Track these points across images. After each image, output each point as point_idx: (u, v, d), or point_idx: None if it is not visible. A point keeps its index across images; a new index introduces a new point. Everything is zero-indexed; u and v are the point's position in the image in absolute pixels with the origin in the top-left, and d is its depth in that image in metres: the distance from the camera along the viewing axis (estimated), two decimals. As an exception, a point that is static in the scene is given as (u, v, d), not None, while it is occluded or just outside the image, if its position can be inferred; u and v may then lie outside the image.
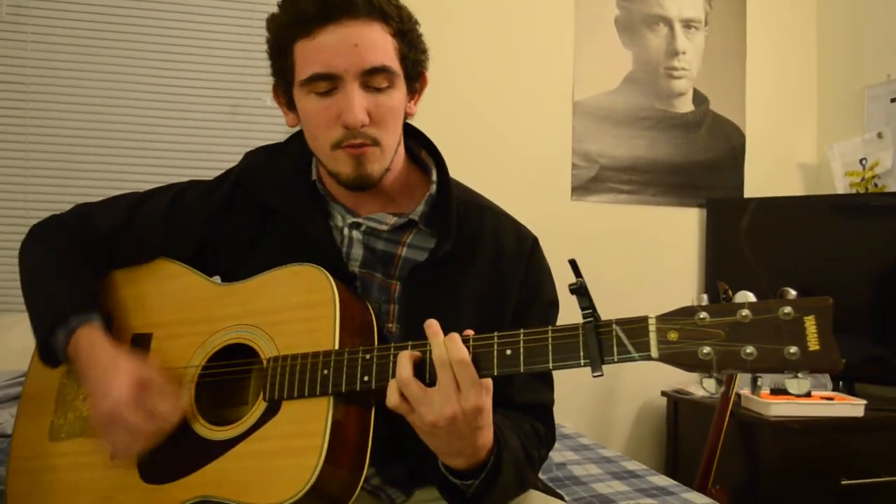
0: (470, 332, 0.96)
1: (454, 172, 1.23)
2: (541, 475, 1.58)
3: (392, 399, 0.95)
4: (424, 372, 0.95)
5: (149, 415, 1.06)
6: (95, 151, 2.55)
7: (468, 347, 0.93)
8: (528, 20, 2.94)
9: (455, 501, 1.04)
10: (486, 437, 0.97)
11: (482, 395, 0.92)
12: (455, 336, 0.93)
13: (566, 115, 2.96)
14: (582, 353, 0.88)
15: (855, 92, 3.04)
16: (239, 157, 1.30)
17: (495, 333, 0.94)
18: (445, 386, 0.92)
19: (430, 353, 0.94)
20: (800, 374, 0.80)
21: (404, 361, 0.95)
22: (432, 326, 0.95)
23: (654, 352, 0.84)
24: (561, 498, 1.19)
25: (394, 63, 1.10)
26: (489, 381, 0.94)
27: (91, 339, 1.15)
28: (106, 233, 1.28)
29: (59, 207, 1.35)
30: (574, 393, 2.84)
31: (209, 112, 2.64)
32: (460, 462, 0.99)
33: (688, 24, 3.08)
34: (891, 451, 2.40)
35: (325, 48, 1.06)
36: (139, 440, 1.07)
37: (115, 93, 2.56)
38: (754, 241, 2.87)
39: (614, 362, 0.87)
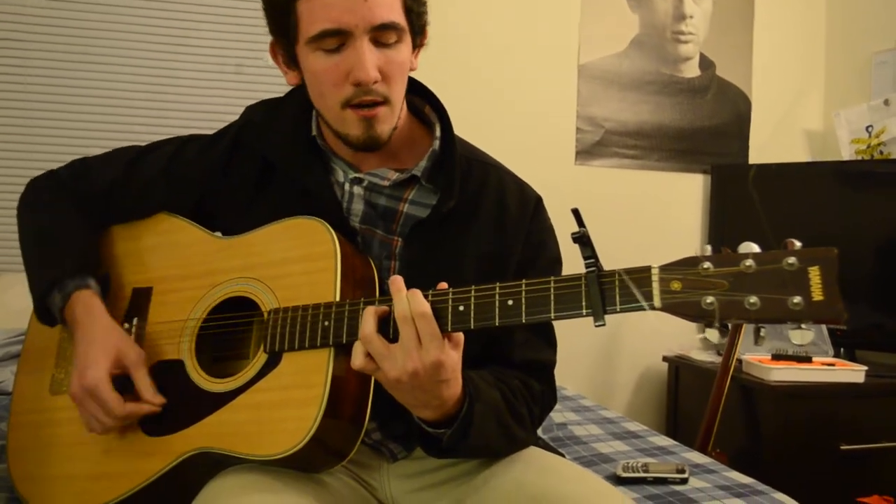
0: (443, 285, 0.95)
1: (457, 134, 1.21)
2: (541, 434, 1.59)
3: (357, 360, 0.94)
4: (389, 328, 0.94)
5: (121, 400, 1.08)
6: (98, 109, 2.53)
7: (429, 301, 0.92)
8: (534, -19, 2.90)
9: (433, 452, 1.05)
10: (453, 389, 0.96)
11: (443, 349, 0.91)
12: (417, 291, 0.93)
13: (571, 79, 2.93)
14: (584, 303, 0.87)
15: (862, 58, 3.00)
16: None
17: (497, 284, 0.93)
18: (407, 340, 0.91)
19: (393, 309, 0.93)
20: (803, 325, 0.79)
21: (368, 317, 0.94)
22: (396, 283, 0.94)
23: (657, 301, 0.83)
24: (562, 456, 1.19)
25: (401, 18, 1.08)
26: (459, 336, 0.94)
27: (87, 307, 1.16)
28: (104, 187, 1.27)
29: (59, 164, 1.33)
30: (575, 358, 2.85)
31: (214, 69, 2.63)
32: (428, 413, 0.98)
33: (695, -12, 3.04)
34: (890, 418, 2.41)
35: (333, 4, 1.03)
36: (107, 421, 1.09)
37: (119, 49, 2.54)
38: (758, 207, 2.86)
39: (617, 312, 0.86)
